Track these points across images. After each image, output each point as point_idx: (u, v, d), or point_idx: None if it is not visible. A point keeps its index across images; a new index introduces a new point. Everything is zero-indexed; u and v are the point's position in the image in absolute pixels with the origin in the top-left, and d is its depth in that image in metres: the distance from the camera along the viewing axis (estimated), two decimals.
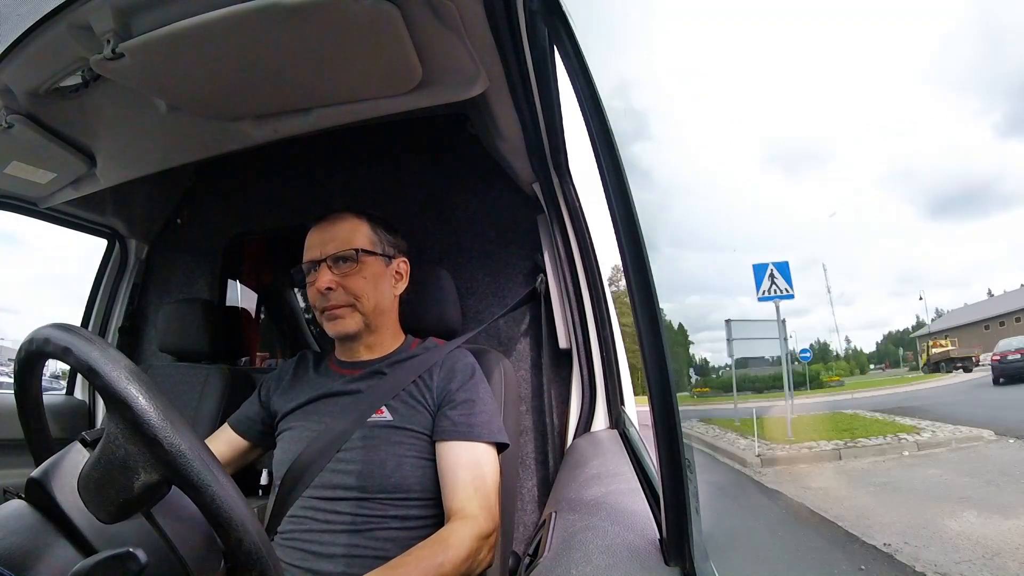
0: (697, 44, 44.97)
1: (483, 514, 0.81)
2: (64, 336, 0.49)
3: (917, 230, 8.37)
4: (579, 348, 1.20)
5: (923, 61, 22.85)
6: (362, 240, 0.96)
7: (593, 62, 0.48)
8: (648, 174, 5.87)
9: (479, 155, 1.26)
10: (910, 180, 11.73)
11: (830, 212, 13.10)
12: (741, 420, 5.81)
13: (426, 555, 0.74)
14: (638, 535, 0.51)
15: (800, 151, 25.31)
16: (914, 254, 6.27)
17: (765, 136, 25.33)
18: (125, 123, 1.05)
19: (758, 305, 6.08)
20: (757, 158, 26.24)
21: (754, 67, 31.97)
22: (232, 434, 1.02)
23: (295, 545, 0.84)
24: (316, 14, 0.72)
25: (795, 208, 22.52)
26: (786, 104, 26.36)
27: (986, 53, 14.01)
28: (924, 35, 23.22)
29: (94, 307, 1.62)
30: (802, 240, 17.57)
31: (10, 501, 0.53)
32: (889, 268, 8.32)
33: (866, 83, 26.48)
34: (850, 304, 6.76)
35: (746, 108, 28.92)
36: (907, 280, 5.43)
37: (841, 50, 27.70)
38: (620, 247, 0.45)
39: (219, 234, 1.62)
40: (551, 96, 0.95)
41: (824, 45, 29.74)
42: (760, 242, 8.15)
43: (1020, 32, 10.34)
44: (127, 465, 0.46)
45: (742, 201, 22.86)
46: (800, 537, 3.13)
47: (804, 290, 11.07)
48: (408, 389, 0.91)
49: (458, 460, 0.85)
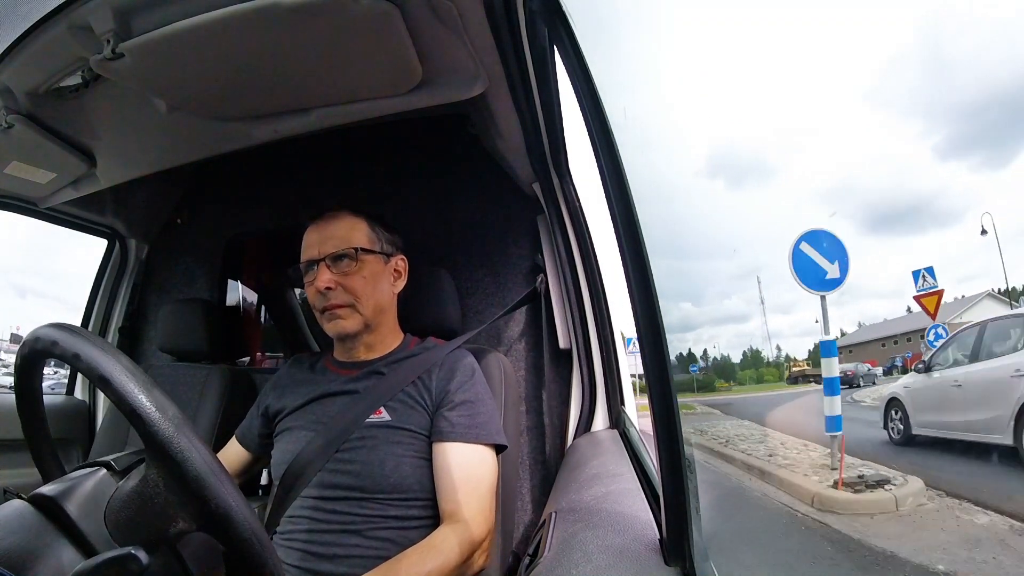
0: (697, 44, 44.95)
1: (476, 518, 0.81)
2: (107, 365, 0.47)
3: (856, 244, 8.59)
4: (579, 348, 1.20)
5: (868, 81, 23.14)
6: (360, 238, 0.95)
7: (593, 62, 0.48)
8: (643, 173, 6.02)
9: (479, 155, 1.26)
10: (850, 196, 11.98)
11: (830, 213, 13.15)
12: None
13: (415, 561, 0.74)
14: (638, 535, 0.51)
15: (743, 164, 25.58)
16: (852, 266, 6.49)
17: (749, 137, 25.39)
18: (125, 123, 1.05)
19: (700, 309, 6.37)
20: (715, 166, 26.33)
21: (752, 67, 31.97)
22: (238, 448, 1.05)
23: (293, 545, 0.84)
24: (316, 14, 0.72)
25: (740, 217, 22.88)
26: (764, 107, 26.44)
27: (930, 78, 14.27)
28: (869, 56, 23.48)
29: (94, 307, 1.62)
30: (742, 248, 17.90)
31: (10, 501, 0.53)
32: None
33: (813, 99, 26.75)
34: (787, 312, 7.16)
35: (745, 108, 28.91)
36: (844, 291, 5.62)
37: (801, 63, 27.89)
38: (620, 247, 0.45)
39: (219, 234, 1.62)
40: (551, 96, 0.95)
41: (787, 57, 29.91)
42: (704, 249, 8.33)
43: (962, 61, 10.56)
44: (166, 513, 0.46)
45: (692, 208, 23.15)
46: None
47: (744, 297, 11.59)
48: (407, 389, 0.91)
49: (454, 462, 0.85)
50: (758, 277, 10.35)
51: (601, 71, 0.47)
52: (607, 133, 0.46)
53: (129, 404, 0.45)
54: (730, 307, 9.19)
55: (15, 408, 0.59)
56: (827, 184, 15.94)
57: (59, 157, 1.10)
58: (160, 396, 0.47)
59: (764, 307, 7.39)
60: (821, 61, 27.35)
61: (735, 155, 27.49)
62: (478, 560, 0.81)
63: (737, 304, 10.55)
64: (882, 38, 22.41)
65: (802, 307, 5.13)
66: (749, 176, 24.47)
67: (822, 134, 22.46)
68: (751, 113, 30.32)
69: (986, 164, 6.73)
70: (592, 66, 0.48)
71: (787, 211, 19.49)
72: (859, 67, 22.94)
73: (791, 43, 29.86)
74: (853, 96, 21.96)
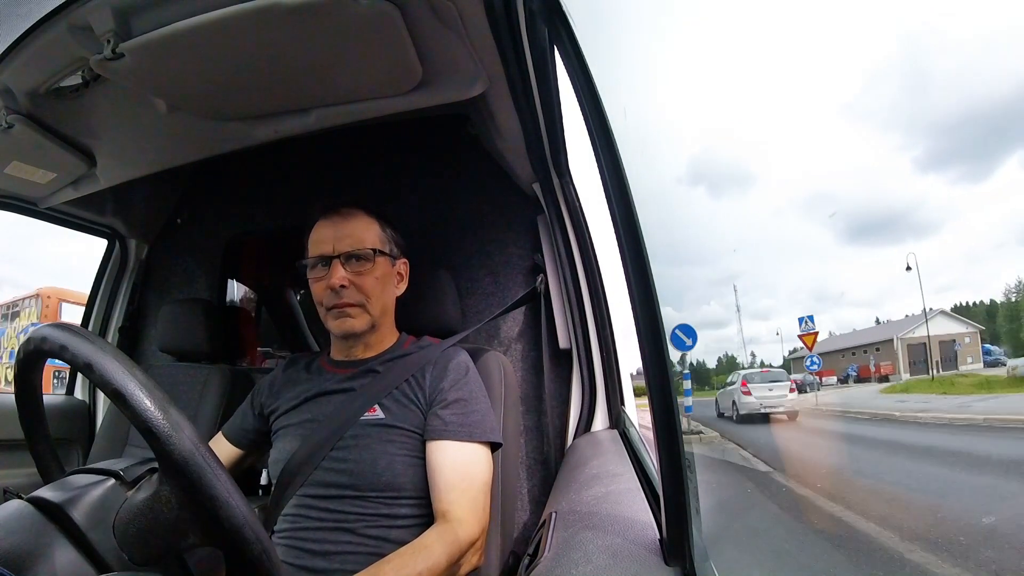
0: (696, 44, 45.05)
1: (468, 517, 0.81)
2: (124, 383, 0.46)
3: (835, 253, 8.67)
4: (579, 348, 1.20)
5: (849, 95, 23.72)
6: (375, 239, 0.95)
7: (593, 62, 0.48)
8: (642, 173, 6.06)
9: (479, 155, 1.26)
10: (832, 204, 12.11)
11: (830, 213, 13.12)
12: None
13: (406, 562, 0.74)
14: (638, 535, 0.51)
15: (724, 172, 26.06)
16: (829, 274, 6.80)
17: (751, 140, 25.50)
18: (125, 123, 1.05)
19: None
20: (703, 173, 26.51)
21: (752, 66, 31.95)
22: (227, 444, 1.04)
23: (289, 543, 0.84)
24: (316, 14, 0.72)
25: (722, 224, 23.43)
26: (771, 112, 26.60)
27: (910, 93, 14.54)
28: (851, 71, 24.16)
29: (94, 307, 1.62)
30: (724, 254, 18.30)
31: (10, 501, 0.53)
32: (804, 287, 8.53)
33: (797, 111, 27.29)
34: (766, 319, 7.44)
35: (744, 108, 28.93)
36: (822, 299, 5.80)
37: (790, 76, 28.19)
38: (620, 247, 0.45)
39: (219, 234, 1.62)
40: (551, 96, 0.95)
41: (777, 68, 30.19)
42: (685, 256, 8.33)
43: (942, 77, 10.68)
44: (177, 528, 0.46)
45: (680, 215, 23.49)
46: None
47: (724, 303, 12.03)
48: (401, 388, 0.91)
49: (447, 461, 0.85)
50: (735, 285, 10.77)
51: (601, 71, 0.48)
52: (607, 133, 0.46)
53: (145, 422, 0.45)
54: (709, 313, 9.38)
55: (15, 408, 0.59)
56: (807, 193, 16.28)
57: (59, 157, 1.11)
58: (176, 415, 0.46)
59: (739, 315, 7.71)
60: (811, 67, 27.62)
61: (717, 161, 28.03)
62: (471, 559, 0.81)
63: (715, 310, 10.76)
64: (865, 54, 23.07)
65: (778, 314, 6.06)
66: (730, 183, 24.93)
67: (805, 142, 23.01)
68: (741, 116, 30.59)
69: (964, 178, 6.76)
70: (592, 66, 0.48)
71: (767, 218, 19.88)
72: (840, 81, 23.50)
73: (788, 44, 30.01)
74: (832, 108, 22.55)
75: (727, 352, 7.96)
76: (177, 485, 0.45)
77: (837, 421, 5.72)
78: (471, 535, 0.80)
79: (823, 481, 4.15)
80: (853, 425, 5.53)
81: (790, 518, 2.95)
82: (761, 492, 3.52)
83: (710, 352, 9.83)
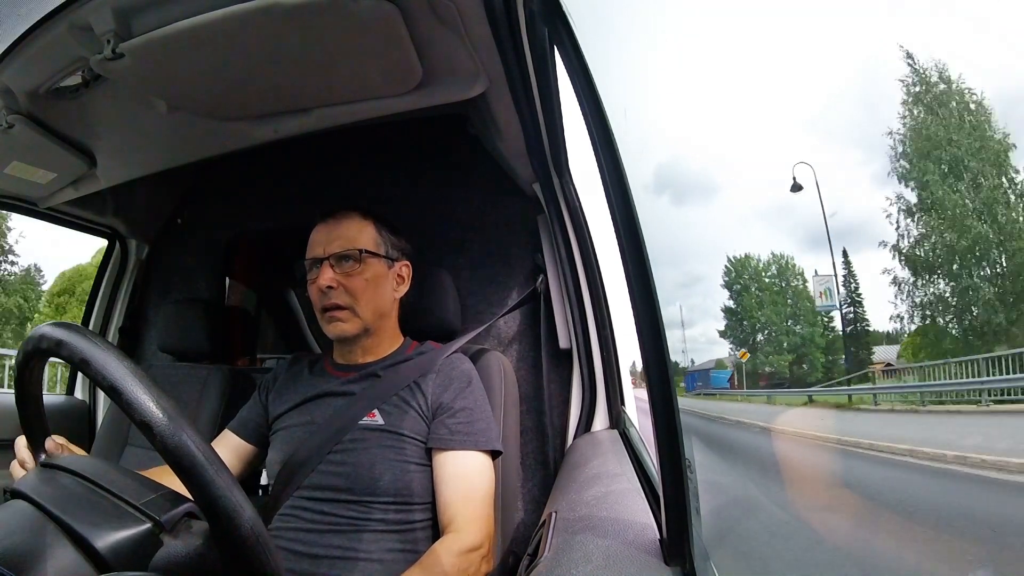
0: (696, 44, 44.93)
1: (473, 526, 0.81)
2: (118, 377, 0.46)
3: (798, 262, 8.93)
4: (579, 348, 1.20)
5: (811, 112, 23.90)
6: (366, 241, 0.95)
7: (593, 62, 0.48)
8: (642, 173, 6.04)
9: (479, 155, 1.26)
10: (790, 215, 12.21)
11: (831, 213, 13.11)
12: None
13: None
14: (638, 535, 0.51)
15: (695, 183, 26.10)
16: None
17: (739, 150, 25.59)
18: (125, 123, 1.05)
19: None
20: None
21: (751, 66, 31.89)
22: (235, 439, 1.02)
23: (281, 544, 0.85)
24: (316, 14, 0.72)
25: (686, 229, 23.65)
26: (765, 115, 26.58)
27: (867, 112, 14.70)
28: (812, 89, 24.32)
29: (94, 307, 1.62)
30: (688, 257, 18.56)
31: (10, 501, 0.53)
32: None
33: (761, 123, 27.36)
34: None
35: (743, 108, 28.83)
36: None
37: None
38: (620, 247, 0.45)
39: (219, 234, 1.62)
40: (551, 96, 0.95)
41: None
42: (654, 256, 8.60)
43: (892, 99, 10.92)
44: (215, 570, 0.47)
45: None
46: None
47: (687, 305, 12.47)
48: (401, 393, 0.91)
49: (452, 471, 0.86)
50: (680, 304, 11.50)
51: (601, 71, 0.47)
52: (607, 133, 0.46)
53: (141, 415, 0.45)
54: (674, 312, 9.67)
55: (15, 408, 0.59)
56: (769, 203, 16.50)
57: (59, 157, 1.10)
58: (171, 407, 0.46)
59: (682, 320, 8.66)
60: (813, 65, 27.57)
61: (682, 170, 28.12)
62: (480, 567, 0.82)
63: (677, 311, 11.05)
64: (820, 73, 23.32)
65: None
66: (695, 192, 25.05)
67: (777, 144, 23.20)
68: (726, 120, 30.53)
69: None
70: (592, 66, 0.48)
71: (730, 226, 20.13)
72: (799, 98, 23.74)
73: (785, 44, 29.93)
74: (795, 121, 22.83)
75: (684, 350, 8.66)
76: (218, 523, 0.46)
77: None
78: (477, 542, 0.81)
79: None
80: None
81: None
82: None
83: (675, 352, 10.32)
